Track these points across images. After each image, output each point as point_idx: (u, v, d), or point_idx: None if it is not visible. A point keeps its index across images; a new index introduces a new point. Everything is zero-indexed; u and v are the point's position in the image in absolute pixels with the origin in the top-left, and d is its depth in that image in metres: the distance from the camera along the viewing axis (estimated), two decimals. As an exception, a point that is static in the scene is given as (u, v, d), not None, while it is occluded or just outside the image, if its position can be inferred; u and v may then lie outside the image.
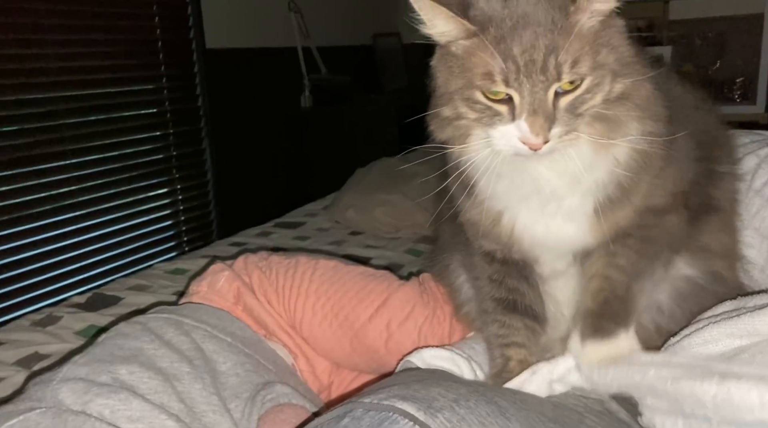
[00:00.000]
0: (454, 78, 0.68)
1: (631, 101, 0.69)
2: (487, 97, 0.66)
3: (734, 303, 0.78)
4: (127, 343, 0.88)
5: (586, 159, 0.69)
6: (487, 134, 0.68)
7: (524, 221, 0.76)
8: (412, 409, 0.56)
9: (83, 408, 0.73)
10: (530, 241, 0.78)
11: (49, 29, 2.20)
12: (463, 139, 0.71)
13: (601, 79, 0.65)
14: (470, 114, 0.68)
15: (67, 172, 2.28)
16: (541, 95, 0.64)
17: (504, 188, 0.74)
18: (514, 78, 0.63)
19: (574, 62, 0.63)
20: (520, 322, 0.86)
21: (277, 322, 1.09)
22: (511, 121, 0.65)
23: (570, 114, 0.66)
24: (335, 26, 3.45)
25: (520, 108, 0.64)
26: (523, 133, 0.65)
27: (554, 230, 0.76)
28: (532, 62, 0.63)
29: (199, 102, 2.75)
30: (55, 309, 1.43)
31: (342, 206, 1.95)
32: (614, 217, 0.74)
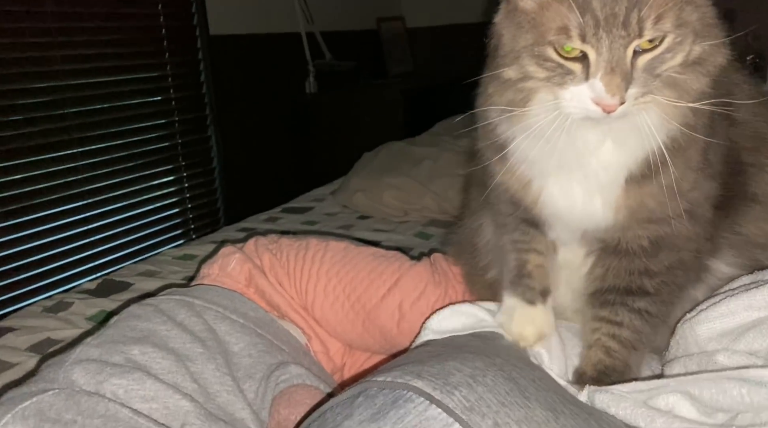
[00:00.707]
0: (523, 34, 0.64)
1: (704, 68, 0.65)
2: (560, 55, 0.62)
3: (752, 277, 0.76)
4: (140, 324, 0.88)
5: (653, 126, 0.65)
6: (556, 96, 0.64)
7: (552, 189, 0.74)
8: (427, 387, 0.54)
9: (97, 389, 0.73)
10: (552, 210, 0.76)
11: (53, 17, 2.18)
12: (524, 103, 0.67)
13: (683, 38, 0.61)
14: (539, 73, 0.63)
15: (73, 161, 2.28)
16: (619, 53, 0.59)
17: (544, 154, 0.70)
18: (593, 33, 0.59)
19: (657, 18, 0.59)
20: (540, 235, 0.83)
21: (290, 304, 1.08)
22: (585, 80, 0.61)
23: (648, 74, 0.61)
24: (339, 11, 3.42)
25: (596, 66, 0.60)
26: (597, 93, 0.60)
27: (579, 201, 0.73)
28: (613, 16, 0.58)
29: (204, 89, 2.73)
30: (66, 296, 1.43)
31: (350, 190, 1.95)
32: (640, 194, 0.71)
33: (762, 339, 0.67)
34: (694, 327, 0.72)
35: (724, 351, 0.68)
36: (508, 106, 0.68)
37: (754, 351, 0.67)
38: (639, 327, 0.76)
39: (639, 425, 0.62)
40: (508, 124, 0.70)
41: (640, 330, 0.76)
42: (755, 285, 0.72)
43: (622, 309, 0.76)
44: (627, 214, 0.72)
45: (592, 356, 0.78)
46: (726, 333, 0.70)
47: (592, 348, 0.78)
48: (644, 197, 0.71)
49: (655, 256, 0.75)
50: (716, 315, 0.72)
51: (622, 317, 0.76)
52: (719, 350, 0.68)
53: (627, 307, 0.76)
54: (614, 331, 0.77)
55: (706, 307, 0.74)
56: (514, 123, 0.69)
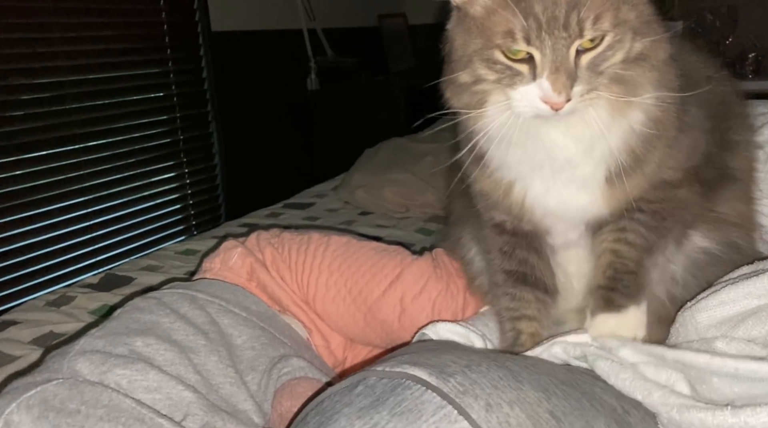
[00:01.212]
0: (472, 39, 0.67)
1: (648, 63, 0.68)
2: (508, 57, 0.65)
3: (751, 267, 0.77)
4: (143, 317, 0.88)
5: (603, 122, 0.68)
6: (507, 96, 0.67)
7: (536, 191, 0.76)
8: (424, 374, 0.56)
9: (100, 379, 0.74)
10: (542, 211, 0.78)
11: (55, 13, 2.19)
12: (480, 105, 0.70)
13: (622, 36, 0.64)
14: (490, 75, 0.67)
15: (75, 156, 2.28)
16: (563, 52, 0.63)
17: (516, 156, 0.73)
18: (536, 36, 0.62)
19: (596, 18, 0.62)
20: (530, 294, 0.85)
21: (291, 298, 1.09)
22: (532, 80, 0.64)
23: (591, 72, 0.65)
24: (340, 8, 3.42)
25: (542, 66, 0.63)
26: (544, 91, 0.64)
27: (567, 199, 0.75)
28: (554, 19, 0.62)
29: (206, 85, 2.74)
30: (69, 290, 1.44)
31: (351, 186, 1.95)
32: (626, 186, 0.73)
33: (760, 326, 0.68)
34: (695, 315, 0.73)
35: (723, 338, 0.69)
36: (465, 109, 0.72)
37: (753, 337, 0.68)
38: (643, 232, 0.77)
39: (636, 397, 0.63)
40: (470, 126, 0.73)
41: (644, 234, 0.77)
42: (755, 274, 0.73)
43: (623, 220, 0.77)
44: (618, 201, 0.74)
45: (602, 261, 0.80)
46: (725, 321, 0.71)
47: (601, 255, 0.80)
48: (629, 186, 0.73)
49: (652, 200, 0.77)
50: (716, 303, 0.72)
51: (624, 223, 0.77)
52: (718, 337, 0.69)
53: (629, 218, 0.77)
54: (619, 236, 0.78)
55: (707, 295, 0.75)
56: (471, 125, 0.72)
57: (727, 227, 0.84)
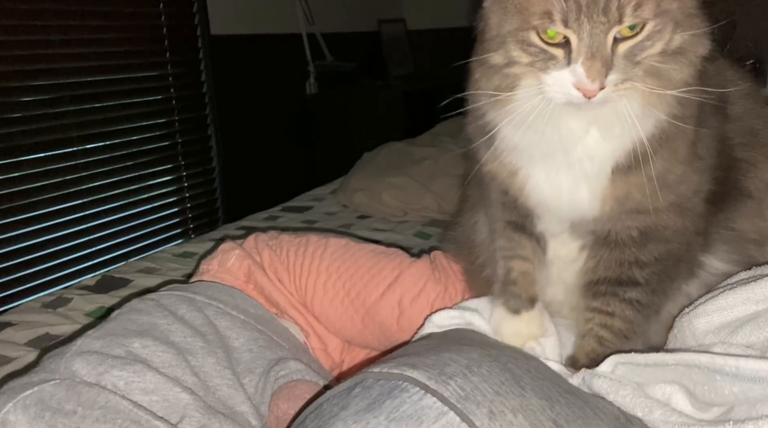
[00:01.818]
0: (509, 18, 0.65)
1: (686, 58, 0.66)
2: (543, 40, 0.63)
3: (750, 272, 0.77)
4: (141, 318, 0.88)
5: (634, 114, 0.66)
6: (540, 81, 0.65)
7: (538, 178, 0.75)
8: (422, 377, 0.55)
9: (97, 380, 0.73)
10: (537, 199, 0.77)
11: (54, 15, 2.19)
12: (510, 88, 0.68)
13: (663, 27, 0.63)
14: (523, 58, 0.65)
15: (73, 159, 2.28)
16: (600, 38, 0.61)
17: (530, 142, 0.71)
18: (574, 18, 0.60)
19: (637, 5, 0.60)
20: (526, 240, 0.85)
21: (289, 300, 1.09)
22: (567, 65, 0.63)
23: (628, 61, 0.63)
24: (340, 13, 3.43)
25: (577, 51, 0.62)
26: (578, 78, 0.62)
27: (564, 191, 0.74)
28: (594, 2, 0.60)
29: (205, 89, 2.74)
30: (66, 291, 1.43)
31: (349, 189, 1.95)
32: (627, 185, 0.72)
33: (759, 331, 0.67)
34: (692, 321, 0.73)
35: (721, 343, 0.68)
36: (494, 91, 0.70)
37: (751, 343, 0.68)
38: (630, 316, 0.77)
39: (637, 414, 0.62)
40: (494, 109, 0.71)
41: (631, 319, 0.77)
42: (753, 279, 0.73)
43: (613, 300, 0.77)
44: (614, 205, 0.73)
45: (585, 345, 0.80)
46: (723, 327, 0.70)
47: (585, 337, 0.80)
48: (631, 188, 0.72)
49: (644, 246, 0.75)
50: (714, 309, 0.72)
51: (614, 307, 0.77)
52: (716, 342, 0.69)
53: (618, 297, 0.77)
54: (606, 321, 0.78)
55: (704, 301, 0.74)
56: (499, 108, 0.70)
57: (747, 245, 0.83)
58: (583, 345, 0.80)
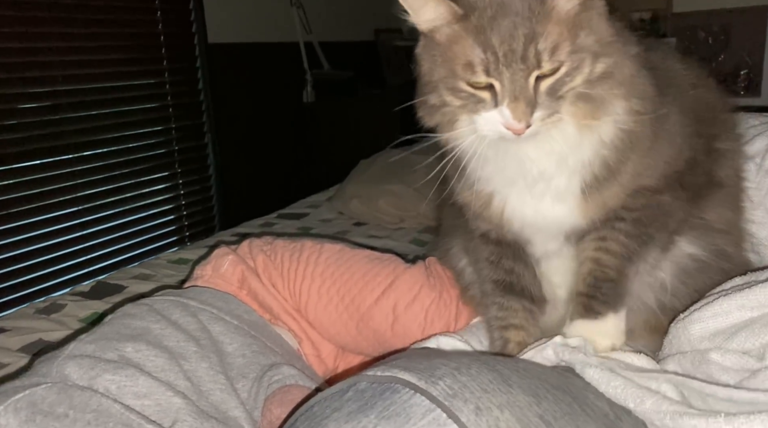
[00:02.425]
0: (437, 67, 0.69)
1: (613, 79, 0.69)
2: (470, 85, 0.67)
3: (744, 278, 0.77)
4: (134, 323, 0.88)
5: (570, 139, 0.70)
6: (472, 120, 0.69)
7: (514, 203, 0.78)
8: (413, 378, 0.56)
9: (90, 384, 0.73)
10: (520, 222, 0.79)
11: (52, 23, 2.20)
12: (450, 125, 0.72)
13: (580, 62, 0.66)
14: (455, 101, 0.69)
15: (70, 166, 2.28)
16: (521, 83, 0.64)
17: (491, 171, 0.75)
18: (494, 68, 0.64)
19: (553, 49, 0.64)
20: (517, 303, 0.87)
21: (282, 306, 1.08)
22: (494, 107, 0.66)
23: (551, 97, 0.66)
24: (337, 22, 3.44)
25: (502, 95, 0.65)
26: (506, 119, 0.66)
27: (543, 211, 0.77)
28: (512, 52, 0.64)
29: (201, 96, 2.74)
30: (59, 297, 1.42)
31: (346, 196, 1.95)
32: (602, 197, 0.75)
33: (754, 338, 0.68)
34: (687, 327, 0.73)
35: (717, 350, 0.69)
36: (437, 128, 0.74)
37: (747, 350, 0.68)
38: (624, 240, 0.78)
39: (628, 405, 0.63)
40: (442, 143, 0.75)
41: (625, 243, 0.78)
42: (747, 285, 0.73)
43: (605, 229, 0.79)
44: (596, 211, 0.76)
45: (583, 269, 0.81)
46: (719, 333, 0.71)
47: (582, 264, 0.81)
48: (607, 200, 0.75)
49: (631, 197, 0.77)
50: (709, 315, 0.72)
51: (606, 232, 0.78)
52: (712, 348, 0.69)
53: (608, 227, 0.78)
54: (600, 245, 0.79)
55: (699, 307, 0.74)
56: (445, 143, 0.75)
57: (714, 234, 0.85)
58: (581, 271, 0.81)
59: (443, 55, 0.68)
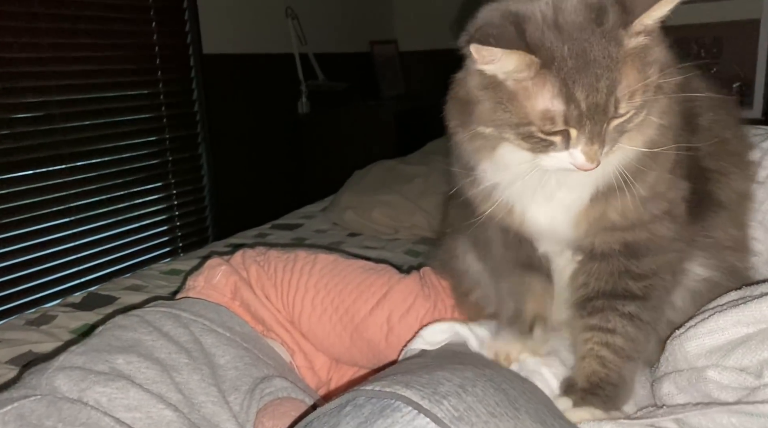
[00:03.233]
0: (503, 112, 0.66)
1: (659, 106, 0.69)
2: (542, 132, 0.65)
3: (740, 292, 0.77)
4: (125, 334, 0.86)
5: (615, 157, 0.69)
6: (536, 158, 0.68)
7: (532, 211, 0.77)
8: (416, 396, 0.54)
9: (79, 396, 0.72)
10: (537, 229, 0.79)
11: (46, 33, 2.19)
12: (491, 150, 0.71)
13: (648, 98, 0.66)
14: (523, 145, 0.67)
15: (62, 176, 2.26)
16: (598, 130, 0.64)
17: (515, 185, 0.74)
18: (576, 121, 0.63)
19: (630, 96, 0.63)
20: (536, 279, 0.86)
21: (275, 317, 1.07)
22: (565, 149, 0.65)
23: (618, 133, 0.66)
24: (332, 33, 3.45)
25: (576, 141, 0.65)
26: (577, 161, 0.65)
27: (555, 219, 0.76)
28: (595, 106, 0.62)
29: (196, 107, 2.74)
30: (50, 309, 1.41)
31: (340, 207, 1.94)
32: (606, 209, 0.74)
33: (751, 355, 0.67)
34: (684, 344, 0.72)
35: (714, 367, 0.68)
36: (475, 152, 0.73)
37: (744, 367, 0.67)
38: (632, 333, 0.76)
39: None
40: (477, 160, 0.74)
41: (633, 337, 0.76)
42: (743, 301, 0.73)
43: (612, 315, 0.76)
44: (587, 226, 0.75)
45: (586, 367, 0.78)
46: (715, 350, 0.70)
47: (585, 358, 0.78)
48: (607, 211, 0.74)
49: (637, 259, 0.76)
50: (705, 332, 0.72)
51: (614, 323, 0.76)
52: (709, 366, 0.68)
53: (617, 312, 0.76)
54: (607, 339, 0.77)
55: (695, 323, 0.74)
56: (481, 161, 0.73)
57: (723, 251, 0.84)
58: (583, 368, 0.78)
59: (514, 102, 0.65)
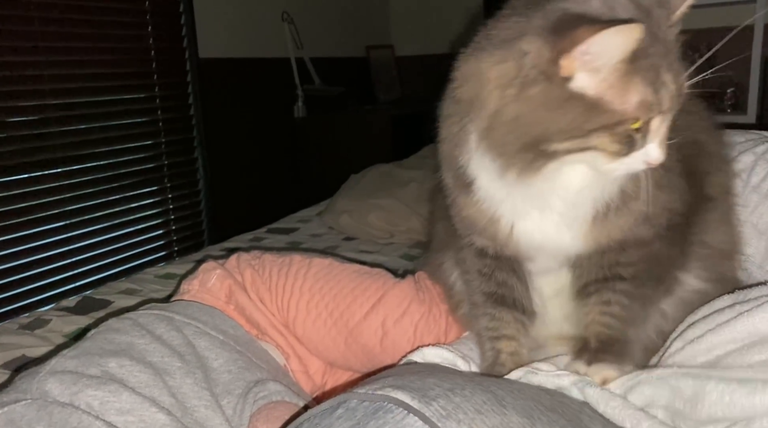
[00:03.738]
0: (595, 116, 0.62)
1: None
2: (633, 129, 0.63)
3: (731, 298, 0.76)
4: (118, 337, 0.86)
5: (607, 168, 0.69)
6: (618, 162, 0.65)
7: (525, 225, 0.75)
8: (406, 398, 0.54)
9: (71, 400, 0.71)
10: (528, 244, 0.77)
11: (42, 37, 2.19)
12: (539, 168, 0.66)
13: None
14: (613, 147, 0.64)
15: (58, 180, 2.26)
16: (670, 120, 0.65)
17: (517, 194, 0.71)
18: (668, 106, 0.63)
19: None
20: (509, 315, 0.85)
21: (270, 321, 1.07)
22: (642, 146, 0.65)
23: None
24: (329, 38, 3.46)
25: (656, 133, 0.64)
26: (652, 155, 0.65)
27: (552, 235, 0.75)
28: (678, 92, 0.63)
29: (192, 111, 2.74)
30: (44, 313, 1.40)
31: (336, 211, 1.94)
32: (610, 225, 0.74)
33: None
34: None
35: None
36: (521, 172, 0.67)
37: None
38: (626, 303, 0.78)
39: (625, 425, 0.63)
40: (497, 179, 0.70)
41: (627, 305, 0.78)
42: (734, 312, 0.71)
43: (606, 291, 0.79)
44: (601, 240, 0.75)
45: (592, 330, 0.80)
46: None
47: (590, 326, 0.81)
48: (612, 226, 0.74)
49: (623, 251, 0.77)
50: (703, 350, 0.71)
51: (608, 296, 0.78)
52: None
53: (610, 289, 0.79)
54: (604, 309, 0.79)
55: (683, 346, 0.73)
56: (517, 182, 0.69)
57: (717, 260, 0.85)
58: (589, 331, 0.81)
59: (597, 102, 0.61)
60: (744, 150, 1.10)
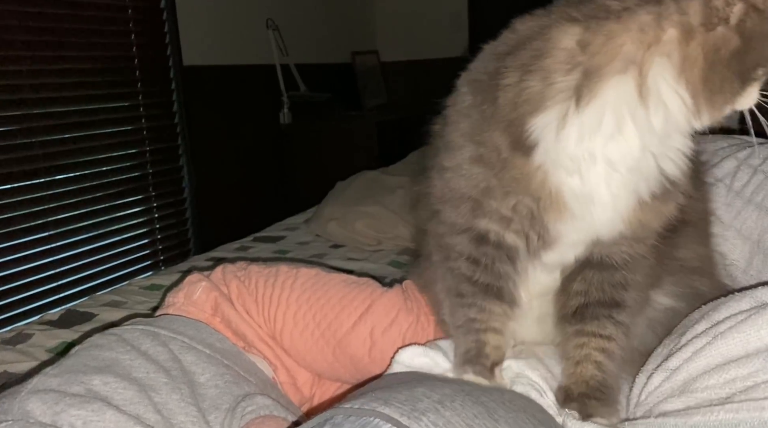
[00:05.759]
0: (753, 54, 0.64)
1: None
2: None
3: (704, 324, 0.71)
4: (102, 354, 0.84)
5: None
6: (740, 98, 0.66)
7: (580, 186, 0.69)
8: (395, 413, 0.54)
9: (53, 420, 0.70)
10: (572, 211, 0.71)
11: (24, 46, 2.17)
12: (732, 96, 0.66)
13: None
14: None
15: (41, 190, 2.23)
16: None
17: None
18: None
19: None
20: (499, 308, 0.82)
21: (257, 333, 1.06)
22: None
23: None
24: (313, 44, 3.46)
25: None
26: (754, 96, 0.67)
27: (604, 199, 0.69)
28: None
29: (176, 119, 2.72)
30: (26, 327, 1.38)
31: (323, 219, 1.94)
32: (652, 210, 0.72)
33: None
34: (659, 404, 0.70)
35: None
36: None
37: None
38: (623, 340, 0.77)
39: None
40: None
41: (623, 344, 0.77)
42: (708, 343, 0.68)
43: (608, 323, 0.77)
44: (631, 228, 0.72)
45: (584, 371, 0.77)
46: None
47: (582, 363, 0.77)
48: (651, 214, 0.72)
49: (632, 269, 0.76)
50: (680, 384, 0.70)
51: (610, 330, 0.77)
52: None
53: (612, 320, 0.77)
54: (604, 345, 0.77)
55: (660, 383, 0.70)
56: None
57: (689, 276, 0.84)
58: (581, 372, 0.77)
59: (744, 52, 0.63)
60: (726, 155, 1.11)
